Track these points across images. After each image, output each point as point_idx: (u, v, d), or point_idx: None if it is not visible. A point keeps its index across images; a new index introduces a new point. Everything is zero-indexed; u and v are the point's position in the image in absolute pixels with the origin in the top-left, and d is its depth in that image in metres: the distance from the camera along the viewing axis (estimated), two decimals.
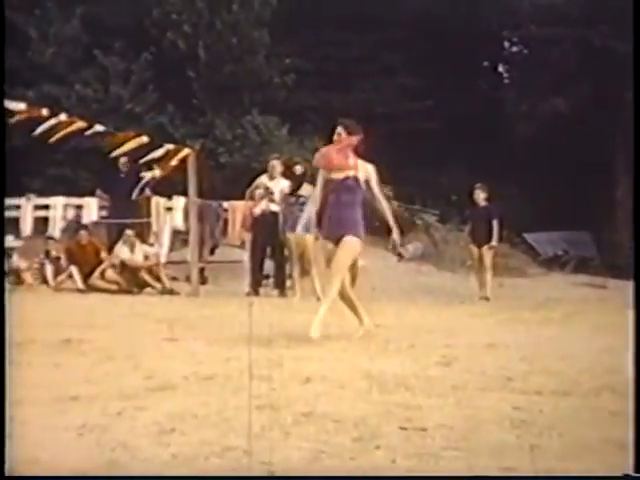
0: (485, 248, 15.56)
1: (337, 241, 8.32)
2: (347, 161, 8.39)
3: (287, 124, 20.45)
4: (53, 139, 14.94)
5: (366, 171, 8.51)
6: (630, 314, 4.91)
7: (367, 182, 8.47)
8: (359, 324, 8.56)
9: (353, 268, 15.56)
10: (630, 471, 3.86)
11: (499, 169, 19.41)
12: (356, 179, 8.39)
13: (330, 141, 8.60)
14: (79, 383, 5.82)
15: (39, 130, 14.93)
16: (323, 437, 4.53)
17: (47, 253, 15.84)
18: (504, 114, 22.39)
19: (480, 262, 15.66)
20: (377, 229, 17.60)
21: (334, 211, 8.40)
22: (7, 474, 3.56)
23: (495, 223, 15.58)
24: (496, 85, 24.73)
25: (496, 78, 25.38)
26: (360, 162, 8.51)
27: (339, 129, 8.44)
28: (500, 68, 25.60)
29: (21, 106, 15.13)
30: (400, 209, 20.22)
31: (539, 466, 3.99)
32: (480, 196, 15.77)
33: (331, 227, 8.43)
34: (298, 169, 15.00)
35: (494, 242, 15.60)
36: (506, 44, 25.28)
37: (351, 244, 8.37)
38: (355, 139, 8.44)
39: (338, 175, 8.38)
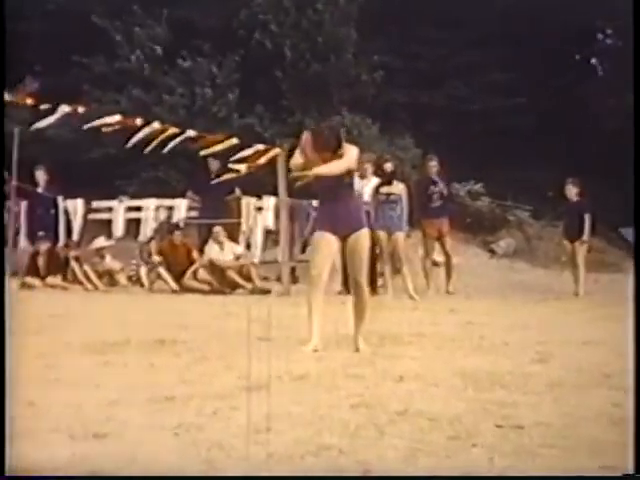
0: (577, 243, 15.38)
1: None
2: None
3: (377, 122, 20.40)
4: (149, 148, 15.17)
5: None
6: None
7: None
8: None
9: (448, 265, 15.54)
10: (630, 471, 3.77)
11: (594, 164, 19.12)
12: None
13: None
14: (174, 383, 5.86)
15: (134, 140, 15.17)
16: (418, 435, 4.50)
17: (141, 254, 16.03)
18: (597, 108, 22.06)
19: (573, 258, 15.49)
20: (469, 226, 17.58)
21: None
22: (7, 474, 3.58)
23: (587, 218, 15.39)
24: (589, 79, 24.37)
25: (589, 72, 25.00)
26: None
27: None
28: (593, 61, 25.19)
29: (116, 118, 15.41)
30: (492, 205, 20.07)
31: None
32: (572, 191, 15.59)
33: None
34: (388, 167, 14.97)
35: (585, 237, 15.41)
36: (599, 36, 24.87)
37: None
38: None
39: None
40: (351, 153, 7.64)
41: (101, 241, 16.38)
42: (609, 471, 3.90)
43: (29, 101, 15.00)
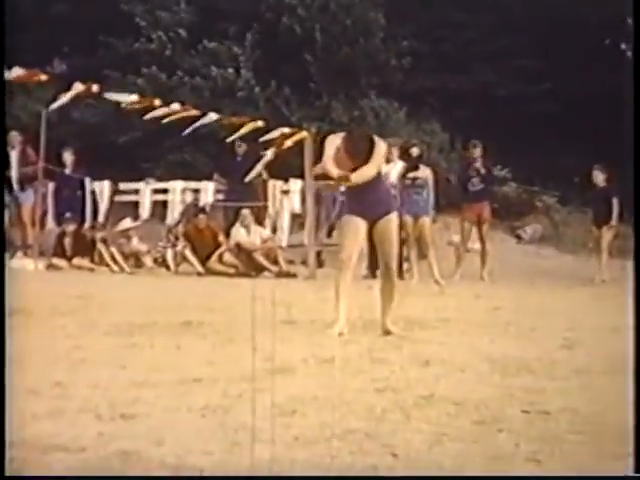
0: (605, 228, 15.35)
1: None
2: None
3: (404, 107, 20.34)
4: (165, 120, 15.16)
5: None
6: None
7: None
8: None
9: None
10: (630, 471, 3.74)
11: (621, 149, 18.99)
12: None
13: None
14: (200, 365, 5.87)
15: (149, 116, 15.19)
16: (444, 420, 4.49)
17: (167, 236, 16.06)
18: (625, 93, 21.92)
19: (598, 243, 15.45)
20: (496, 211, 17.49)
21: None
22: (7, 474, 3.59)
23: (615, 203, 15.35)
24: (618, 64, 24.18)
25: (618, 57, 24.79)
26: None
27: None
28: (623, 46, 24.97)
29: (133, 97, 15.42)
30: (519, 191, 19.99)
31: None
32: (599, 177, 15.55)
33: None
34: (415, 151, 14.94)
35: (613, 222, 15.37)
36: (629, 21, 24.66)
37: None
38: None
39: None
40: (380, 152, 7.67)
41: (127, 222, 16.43)
42: (636, 457, 3.87)
43: (43, 78, 14.97)
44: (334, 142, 7.73)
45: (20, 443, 3.87)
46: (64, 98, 15.30)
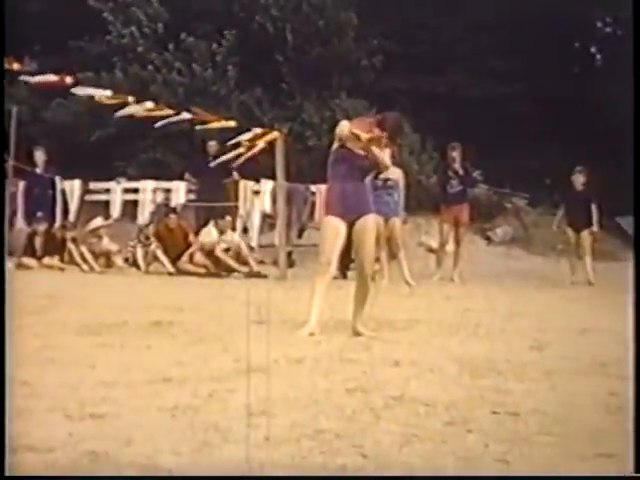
0: (585, 233, 15.43)
1: None
2: None
3: (375, 107, 20.35)
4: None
5: None
6: None
7: None
8: None
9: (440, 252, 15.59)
10: (630, 471, 3.77)
11: (592, 152, 19.09)
12: None
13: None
14: (170, 365, 5.86)
15: (121, 113, 15.13)
16: (414, 421, 4.50)
17: (138, 236, 16.00)
18: (596, 97, 22.02)
19: (577, 246, 15.52)
20: (472, 216, 17.49)
21: None
22: (7, 474, 3.58)
23: (594, 208, 15.46)
24: (588, 67, 24.32)
25: (588, 60, 24.94)
26: None
27: None
28: (592, 49, 25.11)
29: (107, 93, 15.33)
30: (489, 192, 20.06)
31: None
32: (579, 180, 15.63)
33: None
34: (386, 152, 14.92)
35: (595, 227, 15.49)
36: (599, 24, 24.79)
37: None
38: None
39: None
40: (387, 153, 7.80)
41: (98, 221, 16.36)
42: (605, 459, 3.90)
43: (15, 67, 14.87)
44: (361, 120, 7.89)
45: None
46: (35, 79, 15.17)
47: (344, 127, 7.72)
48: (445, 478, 3.71)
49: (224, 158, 16.01)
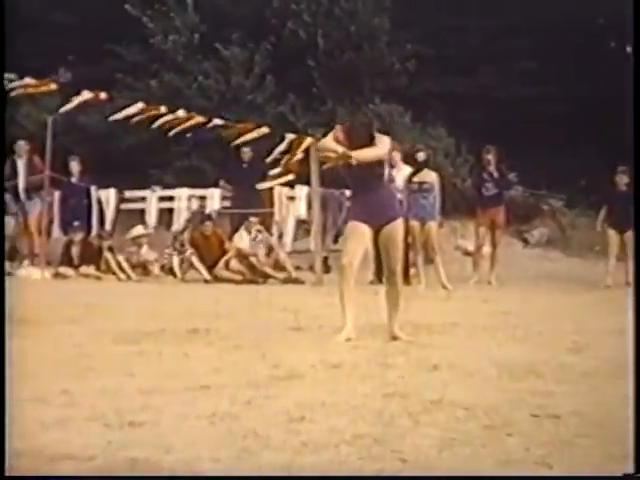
0: (629, 233, 15.28)
1: None
2: None
3: (409, 111, 20.33)
4: (172, 133, 15.26)
5: None
6: None
7: None
8: None
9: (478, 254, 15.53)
10: (630, 471, 3.73)
11: (627, 152, 18.96)
12: None
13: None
14: (208, 372, 5.86)
15: (156, 124, 15.23)
16: (453, 425, 4.48)
17: (173, 244, 16.04)
18: (632, 96, 21.88)
19: (620, 248, 15.36)
20: (509, 218, 17.42)
21: None
22: (7, 474, 3.59)
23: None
24: (624, 66, 24.16)
25: (624, 59, 24.77)
26: None
27: None
28: (628, 49, 24.93)
29: (139, 105, 15.43)
30: (525, 194, 19.95)
31: None
32: (622, 180, 15.49)
33: None
34: (421, 156, 14.91)
35: None
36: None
37: None
38: None
39: None
40: (384, 141, 7.64)
41: (139, 229, 16.40)
42: None
43: (53, 87, 15.04)
44: (335, 130, 7.73)
45: (29, 451, 3.86)
46: (71, 104, 15.32)
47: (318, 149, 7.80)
48: (443, 478, 3.69)
49: (271, 184, 16.20)
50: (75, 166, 17.17)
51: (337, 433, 4.25)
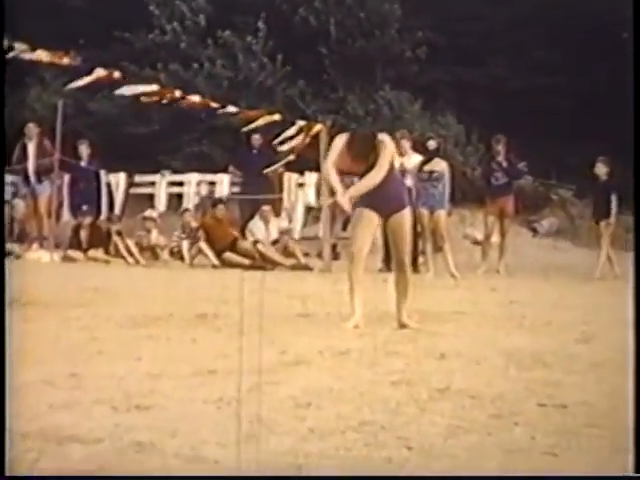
0: (603, 224, 15.25)
1: None
2: None
3: (419, 99, 20.29)
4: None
5: None
6: None
7: None
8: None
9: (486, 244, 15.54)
10: (630, 471, 3.72)
11: (623, 144, 18.94)
12: None
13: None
14: (216, 357, 5.87)
15: (165, 101, 15.15)
16: (459, 413, 4.48)
17: (183, 229, 16.04)
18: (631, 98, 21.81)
19: (598, 239, 15.36)
20: (518, 207, 17.41)
21: None
22: (8, 474, 3.59)
23: (614, 198, 15.25)
24: (636, 58, 24.10)
25: (636, 51, 24.72)
26: None
27: None
28: (625, 35, 24.85)
29: (153, 87, 15.39)
30: (535, 184, 19.92)
31: None
32: (602, 170, 15.43)
33: None
34: (431, 144, 14.88)
35: (612, 219, 15.25)
36: None
37: None
38: None
39: None
40: (386, 155, 7.57)
41: (151, 212, 16.46)
42: None
43: (66, 61, 14.91)
44: (338, 145, 7.66)
45: (36, 434, 3.88)
46: (84, 80, 15.20)
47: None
48: (440, 478, 3.69)
49: (276, 167, 16.14)
50: (84, 149, 17.15)
51: (343, 420, 4.26)
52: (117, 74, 15.12)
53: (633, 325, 4.75)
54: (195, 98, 15.35)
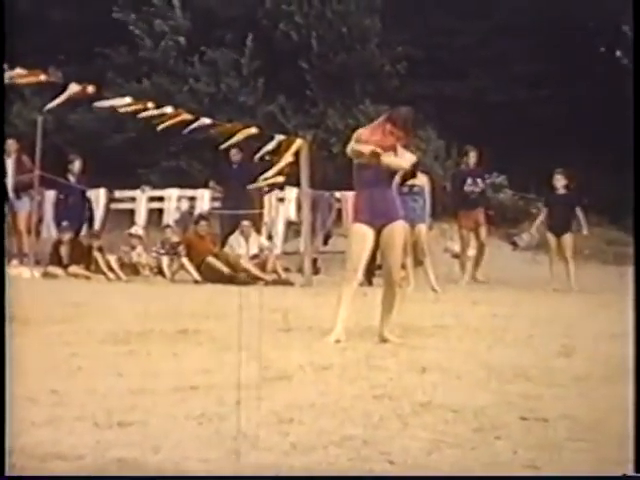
0: (567, 236, 15.34)
1: None
2: None
3: None
4: (159, 128, 15.09)
5: None
6: None
7: None
8: None
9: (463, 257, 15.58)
10: (630, 471, 3.74)
11: (617, 156, 19.01)
12: None
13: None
14: (197, 373, 5.86)
15: (142, 115, 15.08)
16: (442, 427, 4.48)
17: (163, 244, 16.00)
18: (623, 101, 21.93)
19: (561, 251, 15.44)
20: (491, 218, 17.47)
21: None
22: (8, 474, 3.59)
23: (579, 210, 15.37)
24: (614, 71, 24.20)
25: (614, 63, 24.82)
26: None
27: None
28: (618, 53, 24.97)
29: (126, 100, 15.34)
30: (515, 198, 19.97)
31: None
32: (560, 182, 15.53)
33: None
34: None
35: (585, 231, 15.38)
36: (624, 27, 24.66)
37: None
38: None
39: None
40: (411, 157, 7.81)
41: (137, 229, 16.43)
42: (635, 464, 3.87)
43: (42, 78, 14.83)
44: (374, 125, 7.76)
45: (19, 451, 3.86)
46: (59, 99, 15.15)
47: (348, 148, 7.78)
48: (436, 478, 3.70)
49: (258, 185, 16.08)
50: (77, 167, 16.97)
51: (326, 434, 4.25)
52: (91, 88, 15.06)
53: (633, 336, 4.75)
54: (168, 109, 15.23)
